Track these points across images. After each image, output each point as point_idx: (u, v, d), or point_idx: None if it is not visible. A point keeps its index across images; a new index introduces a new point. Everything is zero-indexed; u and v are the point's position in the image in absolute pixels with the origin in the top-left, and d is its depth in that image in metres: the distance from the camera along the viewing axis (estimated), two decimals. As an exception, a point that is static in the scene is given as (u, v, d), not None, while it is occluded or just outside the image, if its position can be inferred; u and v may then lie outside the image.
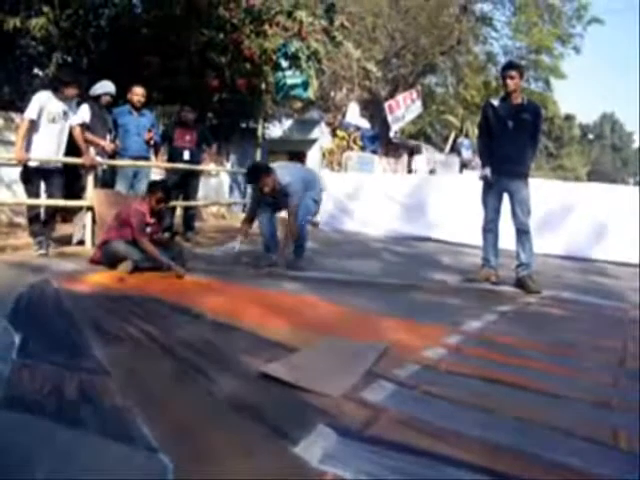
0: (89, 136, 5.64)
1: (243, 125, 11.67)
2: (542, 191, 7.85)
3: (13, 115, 7.64)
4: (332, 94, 18.01)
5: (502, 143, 4.85)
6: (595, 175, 45.05)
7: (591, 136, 58.70)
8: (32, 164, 5.08)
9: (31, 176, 5.14)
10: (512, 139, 4.81)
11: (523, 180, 4.88)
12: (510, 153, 4.81)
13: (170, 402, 2.02)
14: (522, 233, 4.86)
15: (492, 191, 4.96)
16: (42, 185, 5.26)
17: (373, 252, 6.88)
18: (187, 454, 1.62)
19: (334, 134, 15.20)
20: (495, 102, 5.00)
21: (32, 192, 5.20)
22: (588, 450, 1.79)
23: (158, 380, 2.22)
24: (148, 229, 4.63)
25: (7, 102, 8.29)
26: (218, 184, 11.98)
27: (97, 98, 5.87)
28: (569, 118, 47.26)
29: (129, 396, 2.00)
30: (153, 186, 4.79)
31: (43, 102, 5.03)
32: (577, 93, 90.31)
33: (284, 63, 9.26)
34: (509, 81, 4.75)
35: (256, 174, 5.10)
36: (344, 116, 16.00)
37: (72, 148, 5.37)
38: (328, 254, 6.41)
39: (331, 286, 4.44)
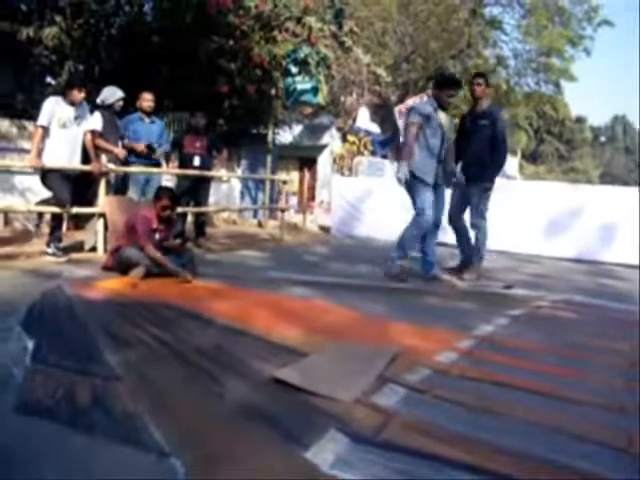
0: (102, 143, 5.67)
1: (253, 131, 11.73)
2: (551, 194, 7.84)
3: (26, 123, 7.74)
4: (342, 99, 18.03)
5: (463, 150, 5.19)
6: (607, 177, 44.78)
7: (603, 138, 58.31)
8: (49, 166, 5.05)
9: (53, 178, 5.07)
10: (470, 146, 5.11)
11: (477, 186, 5.11)
12: (468, 159, 5.14)
13: (181, 407, 2.03)
14: (474, 229, 5.26)
15: (456, 192, 5.36)
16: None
17: (384, 257, 6.86)
18: (198, 458, 1.63)
19: (344, 139, 15.19)
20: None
21: (61, 194, 5.09)
22: (600, 454, 1.77)
23: (170, 385, 2.23)
24: (157, 235, 4.64)
25: (20, 111, 8.40)
26: (229, 190, 12.05)
27: (109, 106, 5.87)
28: (580, 120, 47.11)
29: (141, 401, 2.01)
30: (159, 192, 4.75)
31: (52, 108, 5.06)
32: (588, 95, 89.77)
33: (294, 69, 9.29)
34: (476, 87, 5.12)
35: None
36: (354, 121, 16.00)
37: (84, 155, 5.41)
38: (339, 259, 6.41)
39: (342, 291, 4.44)
